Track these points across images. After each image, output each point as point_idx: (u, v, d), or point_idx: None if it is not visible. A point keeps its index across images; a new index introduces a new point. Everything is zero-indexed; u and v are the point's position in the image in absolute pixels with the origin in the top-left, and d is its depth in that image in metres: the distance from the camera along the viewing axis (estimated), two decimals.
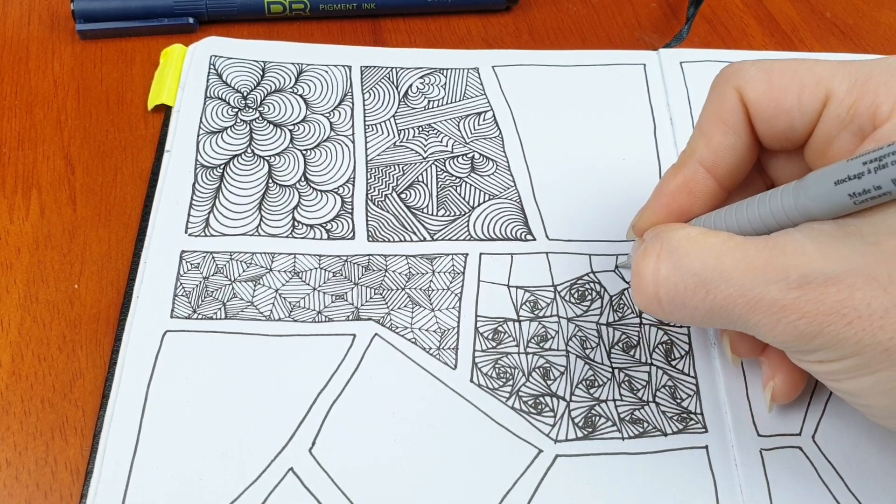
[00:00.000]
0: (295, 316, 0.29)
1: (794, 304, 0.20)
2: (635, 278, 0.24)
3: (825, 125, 0.23)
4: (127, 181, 0.33)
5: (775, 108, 0.23)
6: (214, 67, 0.36)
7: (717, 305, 0.22)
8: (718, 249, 0.22)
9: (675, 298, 0.23)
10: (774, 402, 0.27)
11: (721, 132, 0.24)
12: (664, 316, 0.24)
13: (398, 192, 0.33)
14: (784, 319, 0.21)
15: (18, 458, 0.26)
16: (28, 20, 0.38)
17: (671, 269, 0.23)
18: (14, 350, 0.28)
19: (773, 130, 0.24)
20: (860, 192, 0.20)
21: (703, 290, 0.22)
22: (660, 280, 0.23)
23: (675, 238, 0.23)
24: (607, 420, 0.27)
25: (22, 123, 0.34)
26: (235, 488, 0.25)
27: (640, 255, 0.24)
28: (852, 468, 0.27)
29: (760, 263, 0.21)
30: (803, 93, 0.23)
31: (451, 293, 0.30)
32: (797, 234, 0.21)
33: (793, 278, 0.20)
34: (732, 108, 0.24)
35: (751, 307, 0.21)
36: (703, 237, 0.23)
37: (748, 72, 0.24)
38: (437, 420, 0.27)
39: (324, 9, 0.39)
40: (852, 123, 0.22)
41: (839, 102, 0.22)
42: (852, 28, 0.41)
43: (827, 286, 0.20)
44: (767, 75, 0.24)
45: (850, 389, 0.22)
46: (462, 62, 0.37)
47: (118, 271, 0.30)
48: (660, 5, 0.42)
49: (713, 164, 0.25)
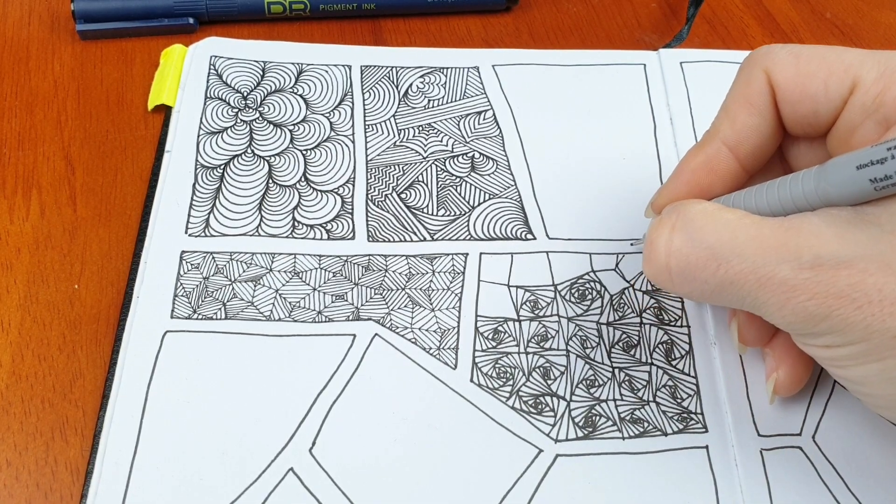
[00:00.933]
0: (295, 316, 0.29)
1: (805, 285, 0.20)
2: (647, 248, 0.24)
3: (850, 113, 0.23)
4: (127, 181, 0.33)
5: (801, 93, 0.23)
6: (214, 68, 0.36)
7: (727, 280, 0.22)
8: (734, 225, 0.22)
9: (686, 270, 0.23)
10: (777, 393, 0.27)
11: (746, 112, 0.25)
12: (672, 287, 0.24)
13: (398, 192, 0.33)
14: (793, 299, 0.21)
15: (19, 459, 0.26)
16: (28, 20, 0.38)
17: (684, 241, 0.23)
18: (14, 350, 0.28)
19: (797, 115, 0.24)
20: (882, 178, 0.20)
21: (715, 264, 0.22)
22: (672, 250, 0.23)
23: (691, 211, 0.23)
24: (607, 420, 0.27)
25: (22, 124, 0.34)
26: (235, 488, 0.25)
27: (655, 225, 0.24)
28: (852, 468, 0.27)
29: (775, 242, 0.21)
30: (830, 79, 0.23)
31: (451, 293, 0.30)
32: (815, 217, 0.21)
33: (805, 259, 0.20)
34: (759, 90, 0.24)
35: (761, 284, 0.21)
36: (719, 212, 0.23)
37: (778, 55, 0.24)
38: (438, 420, 0.27)
39: (324, 9, 0.39)
40: (877, 112, 0.22)
41: (866, 91, 0.22)
42: (852, 28, 0.41)
43: (839, 269, 0.20)
44: (796, 59, 0.24)
45: (855, 377, 0.22)
46: (462, 61, 0.37)
47: (118, 271, 0.30)
48: (660, 5, 0.42)
49: (736, 144, 0.25)
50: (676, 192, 0.26)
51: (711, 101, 0.36)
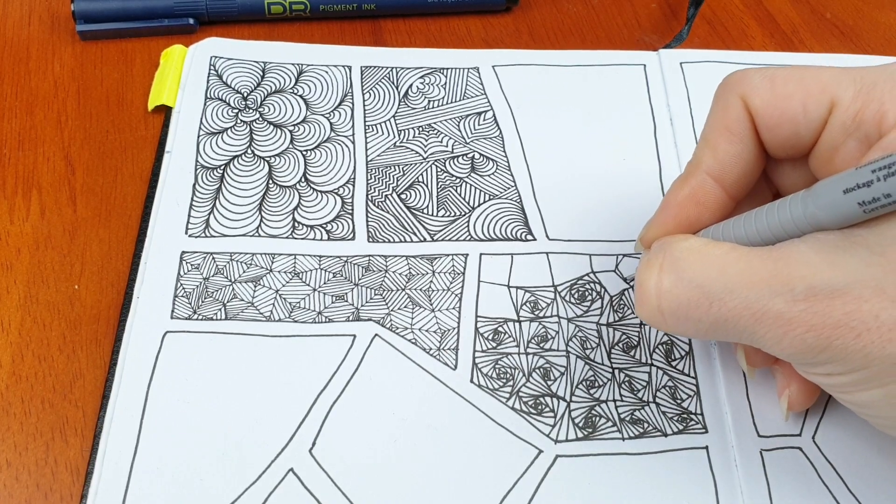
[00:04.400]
0: (295, 317, 0.29)
1: (801, 317, 0.20)
2: (638, 290, 0.24)
3: (830, 133, 0.23)
4: (127, 182, 0.33)
5: (780, 116, 0.23)
6: (215, 68, 0.36)
7: (721, 318, 0.22)
8: (722, 261, 0.22)
9: (678, 311, 0.22)
10: (791, 410, 0.27)
11: (727, 141, 0.24)
12: (668, 329, 0.23)
13: (398, 193, 0.33)
14: (791, 332, 0.20)
15: (18, 459, 0.26)
16: (28, 21, 0.38)
17: (674, 281, 0.22)
18: (14, 351, 0.28)
19: (778, 138, 0.24)
20: (870, 201, 0.19)
21: (707, 302, 0.22)
22: (662, 292, 0.23)
23: (677, 249, 0.23)
24: (607, 420, 0.27)
25: (22, 124, 0.34)
26: (235, 489, 0.25)
27: (643, 266, 0.24)
28: (852, 469, 0.27)
29: (765, 275, 0.21)
30: (808, 100, 0.23)
31: (451, 294, 0.30)
32: (802, 244, 0.21)
33: (798, 290, 0.20)
34: (737, 117, 0.24)
35: (756, 319, 0.21)
36: (705, 248, 0.22)
37: (752, 79, 0.24)
38: (438, 420, 0.27)
39: (324, 9, 0.39)
40: (858, 131, 0.22)
41: (844, 110, 0.22)
42: (852, 28, 0.41)
43: (833, 298, 0.20)
44: (772, 83, 0.23)
45: (859, 401, 0.22)
46: (462, 62, 0.37)
47: (118, 272, 0.30)
48: (660, 6, 0.42)
49: (720, 174, 0.24)
50: (664, 226, 0.25)
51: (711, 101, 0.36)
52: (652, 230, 0.26)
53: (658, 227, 0.25)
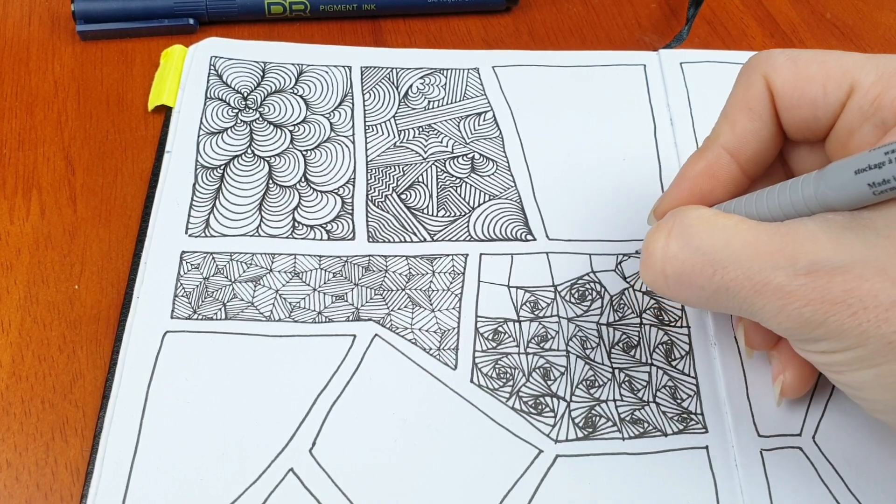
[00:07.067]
0: (295, 316, 0.29)
1: (800, 291, 0.20)
2: (644, 253, 0.24)
3: (848, 116, 0.23)
4: (127, 182, 0.33)
5: (800, 97, 0.24)
6: (215, 68, 0.36)
7: (722, 286, 0.22)
8: (730, 231, 0.22)
9: (682, 276, 0.23)
10: (784, 396, 0.27)
11: (746, 117, 0.25)
12: (669, 293, 0.24)
13: (398, 193, 0.33)
14: (789, 306, 0.21)
15: (19, 459, 0.26)
16: (28, 21, 0.38)
17: (680, 246, 0.23)
18: (14, 351, 0.28)
19: (796, 119, 0.24)
20: (880, 182, 0.20)
21: (710, 270, 0.22)
22: (668, 256, 0.23)
23: (688, 217, 0.23)
24: (607, 420, 0.27)
25: (22, 124, 0.34)
26: (235, 489, 0.25)
27: (652, 231, 0.24)
28: (853, 468, 0.27)
29: (770, 248, 0.21)
30: (829, 83, 0.23)
31: (451, 294, 0.30)
32: (811, 222, 0.21)
33: (801, 265, 0.20)
34: (758, 95, 0.24)
35: (756, 291, 0.21)
36: (715, 218, 0.23)
37: (776, 59, 0.24)
38: (438, 420, 0.27)
39: (324, 9, 0.39)
40: (875, 116, 0.22)
41: (863, 94, 0.22)
42: (852, 29, 0.41)
43: (834, 275, 0.20)
44: (795, 64, 0.24)
45: (851, 382, 0.22)
46: (462, 62, 0.37)
47: (118, 272, 0.30)
48: (660, 6, 0.42)
49: (737, 150, 0.25)
50: (678, 198, 0.26)
51: (711, 101, 0.36)
52: (666, 202, 0.26)
53: (672, 198, 0.26)
